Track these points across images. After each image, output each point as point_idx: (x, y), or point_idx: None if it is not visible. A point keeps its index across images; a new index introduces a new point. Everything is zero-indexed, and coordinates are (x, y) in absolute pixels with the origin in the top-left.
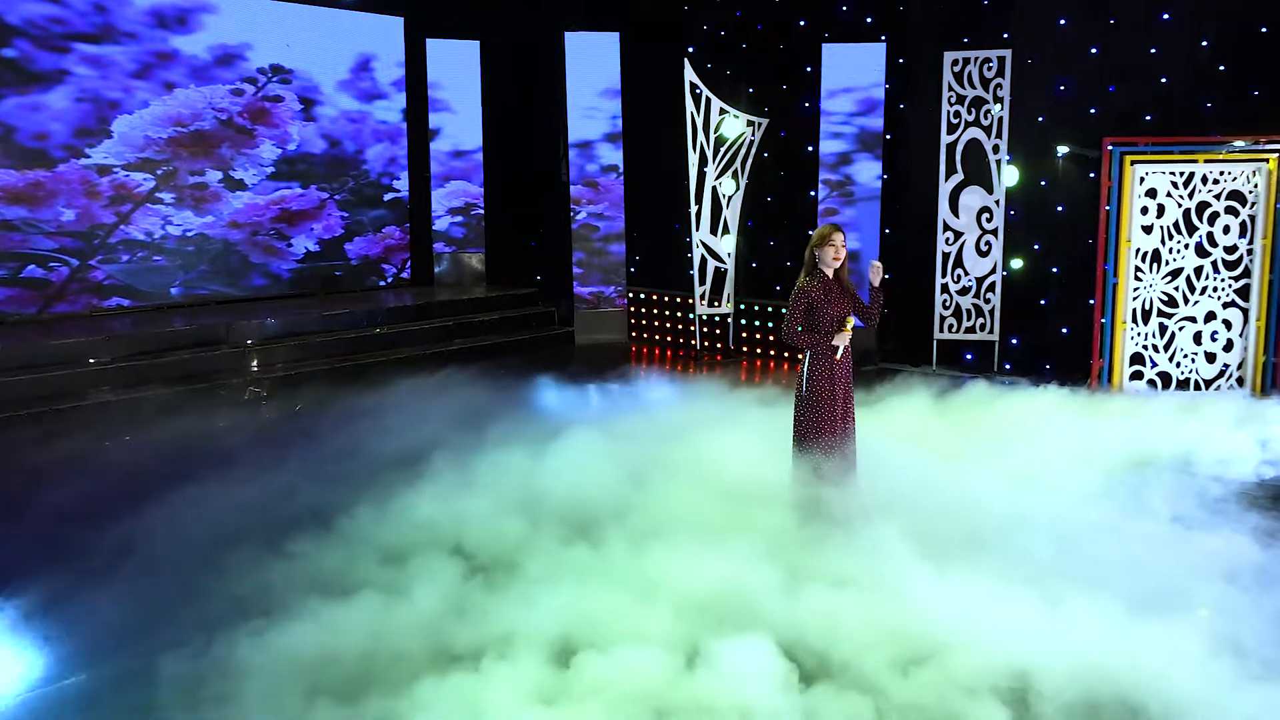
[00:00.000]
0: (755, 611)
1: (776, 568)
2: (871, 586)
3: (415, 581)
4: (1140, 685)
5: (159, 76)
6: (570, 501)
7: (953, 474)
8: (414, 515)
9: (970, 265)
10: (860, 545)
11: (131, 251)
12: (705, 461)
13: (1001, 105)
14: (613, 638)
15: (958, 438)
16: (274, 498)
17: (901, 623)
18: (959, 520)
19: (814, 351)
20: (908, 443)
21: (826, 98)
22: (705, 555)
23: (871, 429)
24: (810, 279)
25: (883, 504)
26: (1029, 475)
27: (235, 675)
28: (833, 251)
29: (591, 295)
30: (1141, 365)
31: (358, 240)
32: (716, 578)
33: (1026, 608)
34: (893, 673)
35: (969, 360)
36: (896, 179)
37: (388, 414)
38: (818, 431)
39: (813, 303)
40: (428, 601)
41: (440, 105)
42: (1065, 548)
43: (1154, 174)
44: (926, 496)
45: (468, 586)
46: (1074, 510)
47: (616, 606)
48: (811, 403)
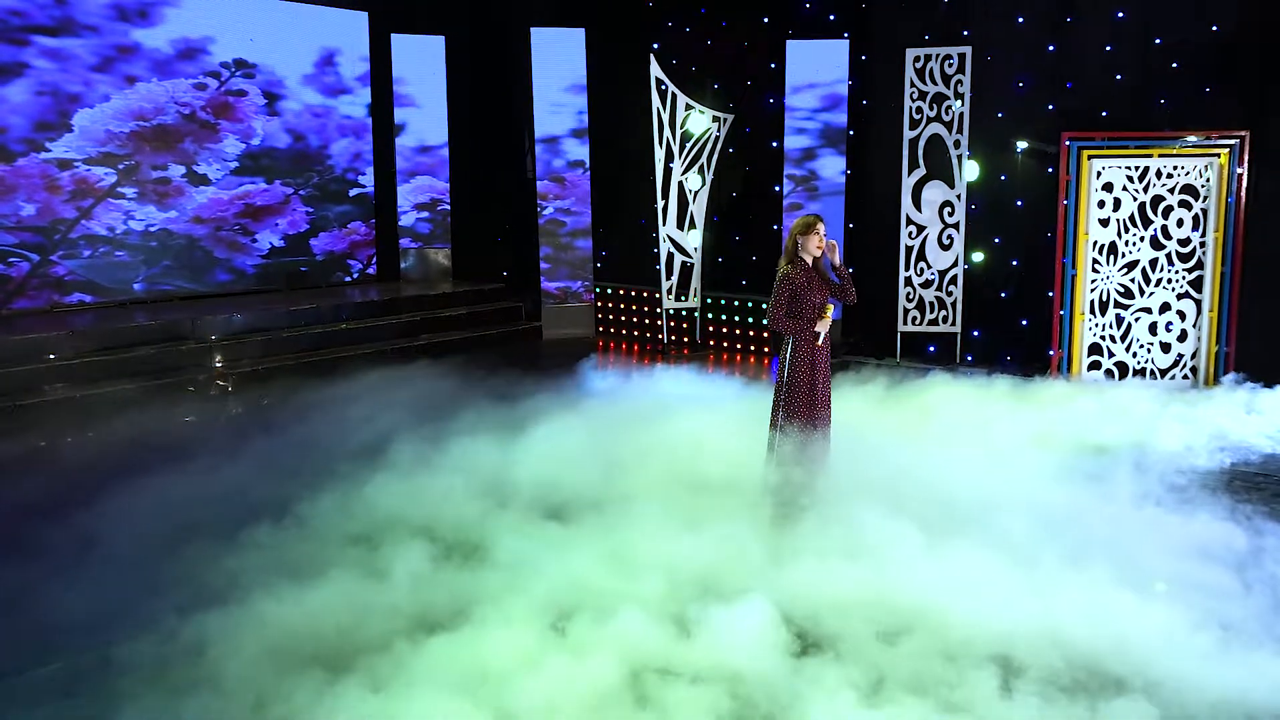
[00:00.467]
0: (742, 583)
1: (759, 544)
2: (853, 559)
3: (391, 562)
4: (1119, 654)
5: (120, 70)
6: (543, 485)
7: (922, 457)
8: (383, 501)
9: (932, 258)
10: (840, 521)
11: (93, 247)
12: (677, 448)
13: (962, 101)
14: (603, 605)
15: (922, 424)
16: (236, 489)
17: (886, 594)
18: (933, 499)
19: (796, 338)
20: (877, 429)
21: (791, 93)
22: (686, 533)
23: (841, 417)
24: (793, 267)
25: (859, 484)
26: (994, 458)
27: (207, 655)
28: (817, 240)
29: (559, 290)
30: (1099, 355)
31: (323, 236)
32: (700, 553)
33: (1004, 579)
34: (880, 642)
35: (931, 352)
36: (860, 174)
37: (351, 406)
38: (797, 415)
39: (796, 289)
40: (404, 578)
41: (405, 101)
42: (1035, 524)
43: (1110, 168)
44: (899, 477)
45: (443, 565)
46: (1041, 490)
47: (602, 579)
48: (792, 387)
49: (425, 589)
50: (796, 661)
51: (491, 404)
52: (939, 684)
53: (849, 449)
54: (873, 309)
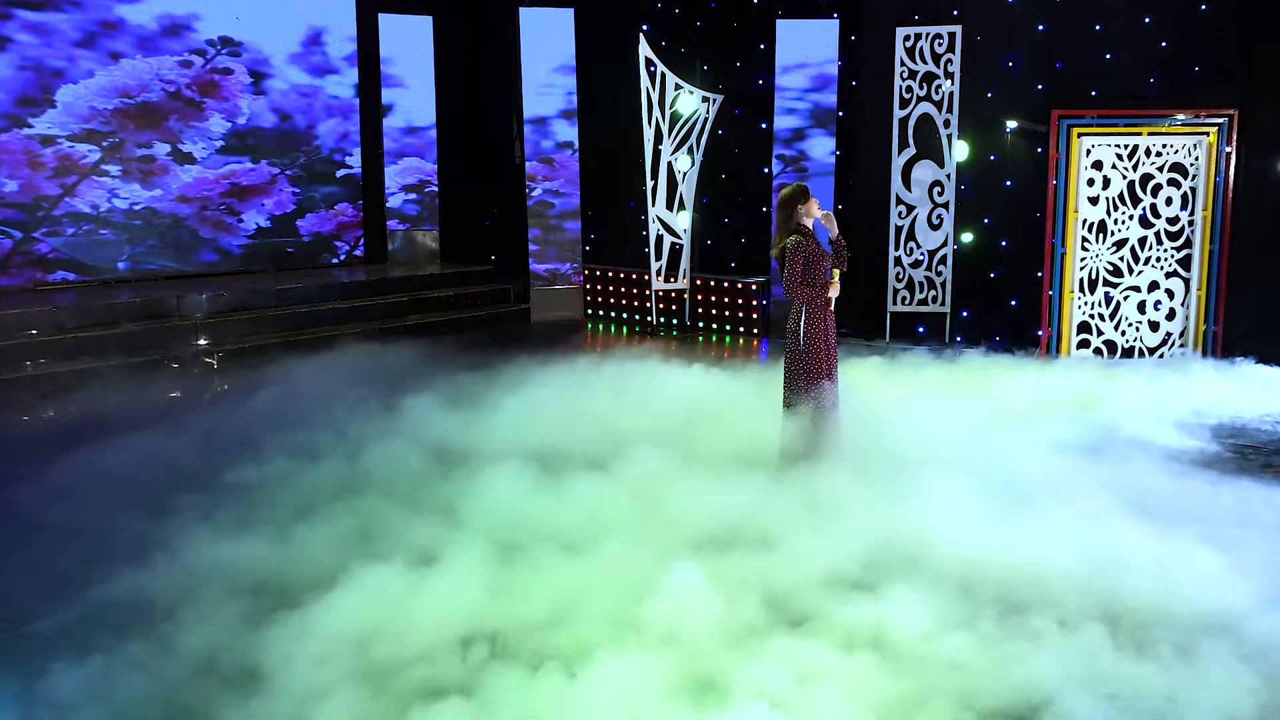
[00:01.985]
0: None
1: (784, 498)
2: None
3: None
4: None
5: (104, 45)
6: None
7: (928, 423)
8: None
9: (922, 238)
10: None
11: (77, 224)
12: (679, 420)
13: (952, 81)
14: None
15: (919, 397)
16: (192, 458)
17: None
18: (943, 456)
19: (810, 305)
20: (880, 402)
21: (780, 73)
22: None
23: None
24: (802, 236)
25: (872, 446)
26: (989, 424)
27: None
28: (816, 204)
29: (548, 272)
30: (1088, 334)
31: (310, 217)
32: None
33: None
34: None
35: (921, 332)
36: (850, 155)
37: (322, 383)
38: (814, 379)
39: (810, 256)
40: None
41: (393, 81)
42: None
43: (1100, 146)
44: (904, 439)
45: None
46: (1036, 452)
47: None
48: (809, 353)
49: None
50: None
51: (472, 380)
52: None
53: (855, 415)
54: (862, 289)
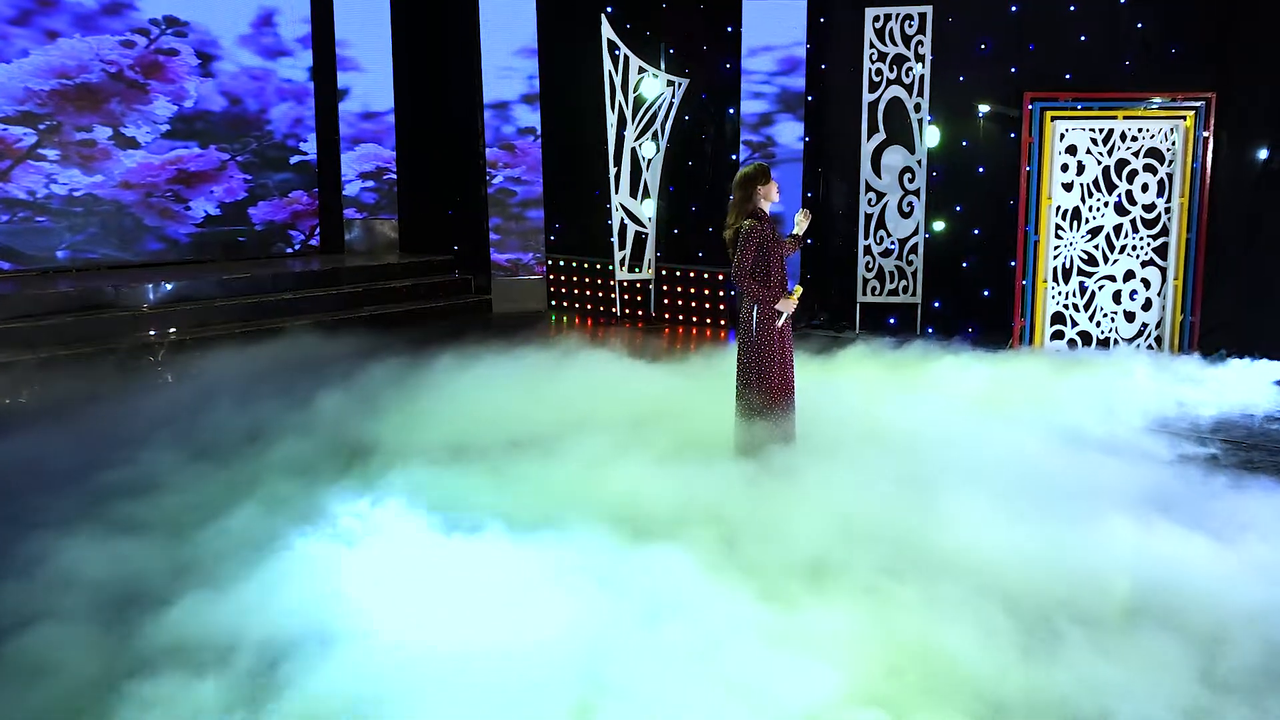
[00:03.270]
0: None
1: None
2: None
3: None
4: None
5: (39, 24)
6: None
7: (892, 416)
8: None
9: (893, 227)
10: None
11: (11, 211)
12: (631, 412)
13: (923, 63)
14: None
15: (886, 388)
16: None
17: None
18: (909, 450)
19: (761, 305)
20: (842, 393)
21: (747, 56)
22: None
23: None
24: (756, 220)
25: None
26: (955, 418)
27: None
28: (775, 188)
29: (509, 263)
30: (1062, 325)
31: (262, 205)
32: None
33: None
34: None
35: (892, 324)
36: (819, 140)
37: (252, 378)
38: (768, 392)
39: (765, 243)
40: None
41: (349, 64)
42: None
43: (1074, 130)
44: (875, 434)
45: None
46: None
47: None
48: (763, 363)
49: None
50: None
51: (401, 372)
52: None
53: (816, 407)
54: (831, 279)
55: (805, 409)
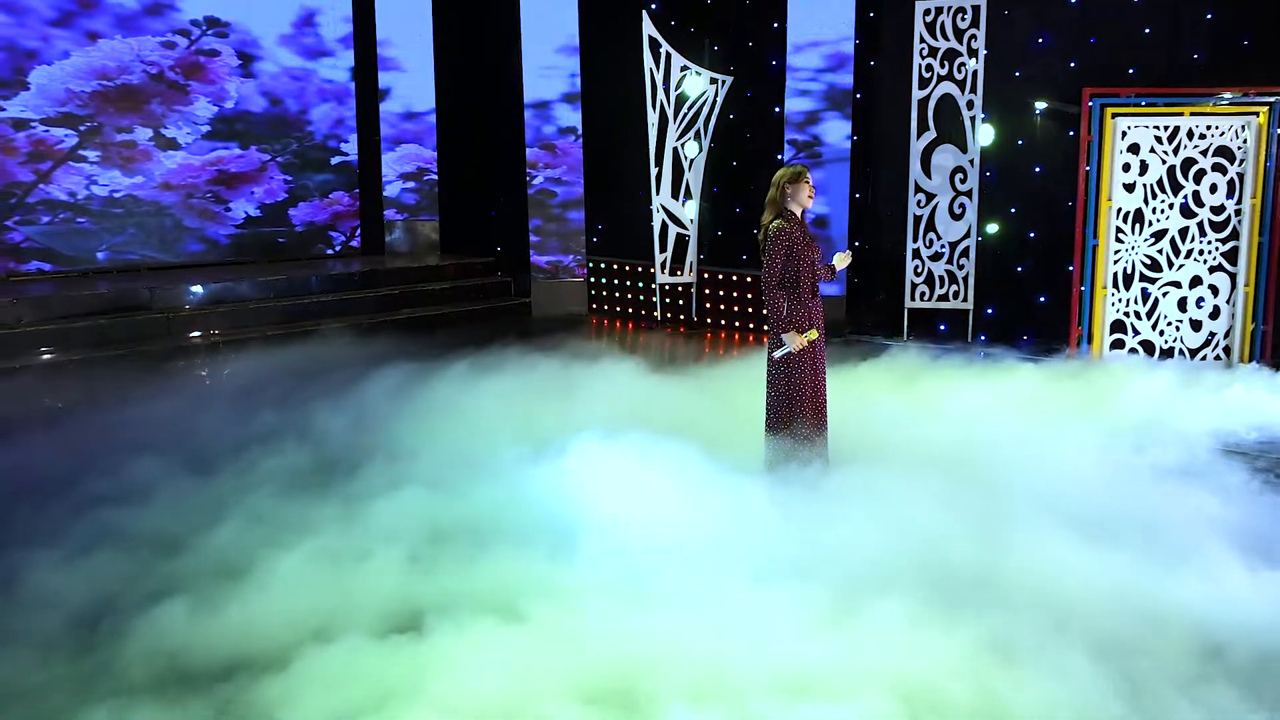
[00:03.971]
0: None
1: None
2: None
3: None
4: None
5: (81, 25)
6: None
7: (941, 433)
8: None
9: (943, 229)
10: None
11: (53, 212)
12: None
13: (976, 58)
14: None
15: (933, 401)
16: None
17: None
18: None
19: (791, 309)
20: (886, 406)
21: (793, 52)
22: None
23: (844, 397)
24: (788, 221)
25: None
26: (1018, 435)
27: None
28: (808, 189)
29: (549, 265)
30: (1123, 334)
31: (303, 206)
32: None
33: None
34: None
35: (943, 330)
36: (867, 139)
37: (266, 383)
38: (803, 420)
39: (794, 247)
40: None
41: (390, 64)
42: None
43: (1137, 128)
44: (922, 452)
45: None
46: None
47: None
48: (793, 385)
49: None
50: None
51: (420, 378)
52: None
53: (856, 420)
54: (880, 284)
55: (845, 423)
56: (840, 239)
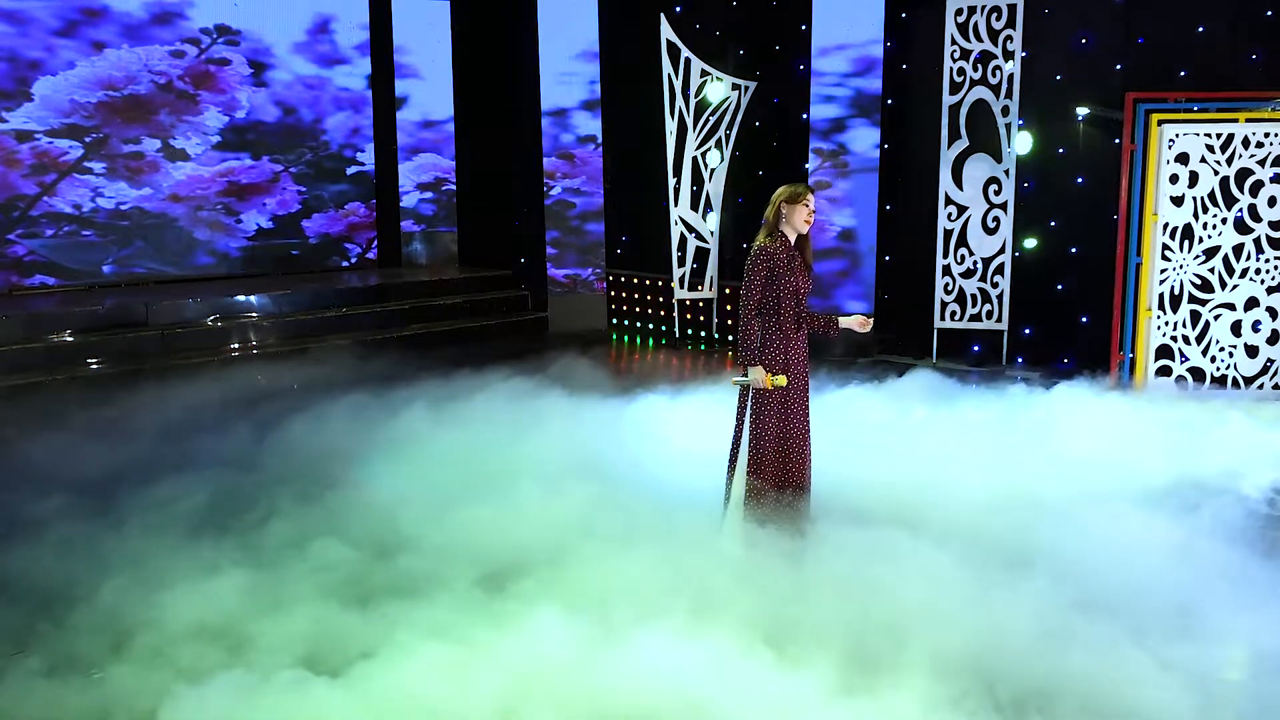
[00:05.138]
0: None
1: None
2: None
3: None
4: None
5: (86, 35)
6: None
7: (957, 481)
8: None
9: (975, 244)
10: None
11: (57, 225)
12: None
13: (1012, 61)
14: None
15: (955, 438)
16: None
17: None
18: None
19: (767, 340)
20: (900, 445)
21: (818, 56)
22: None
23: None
24: (773, 240)
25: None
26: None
27: None
28: (805, 212)
29: (567, 278)
30: (1170, 359)
31: (317, 217)
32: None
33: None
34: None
35: (976, 352)
36: (898, 148)
37: (223, 406)
38: (765, 472)
39: (775, 269)
40: None
41: (407, 71)
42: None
43: (1186, 135)
44: (930, 508)
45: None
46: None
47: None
48: (758, 427)
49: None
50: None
51: (390, 401)
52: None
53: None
54: (910, 302)
55: (844, 467)
56: (868, 253)
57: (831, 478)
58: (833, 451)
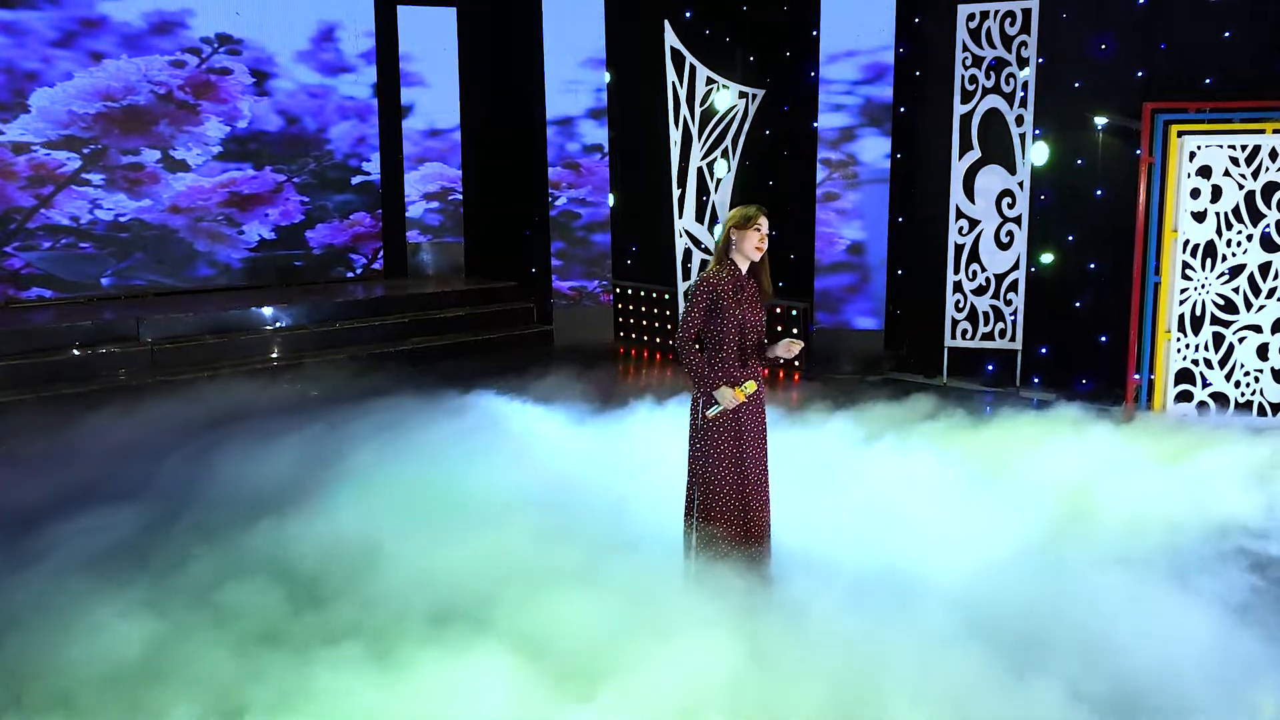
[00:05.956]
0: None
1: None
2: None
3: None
4: None
5: (84, 45)
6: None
7: (952, 532)
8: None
9: (987, 260)
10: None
11: (54, 238)
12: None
13: (1027, 67)
14: None
15: (952, 473)
16: None
17: None
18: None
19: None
20: (889, 481)
21: (826, 63)
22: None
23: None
24: (721, 268)
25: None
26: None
27: None
28: (756, 238)
29: (573, 290)
30: (1191, 384)
31: (321, 227)
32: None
33: None
34: None
35: (990, 371)
36: (911, 158)
37: (187, 426)
38: (718, 517)
39: (719, 301)
40: None
41: (413, 79)
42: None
43: (1208, 148)
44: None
45: None
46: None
47: None
48: (709, 470)
49: None
50: None
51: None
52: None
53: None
54: (924, 319)
55: (819, 512)
56: (878, 265)
57: (806, 523)
58: (815, 493)
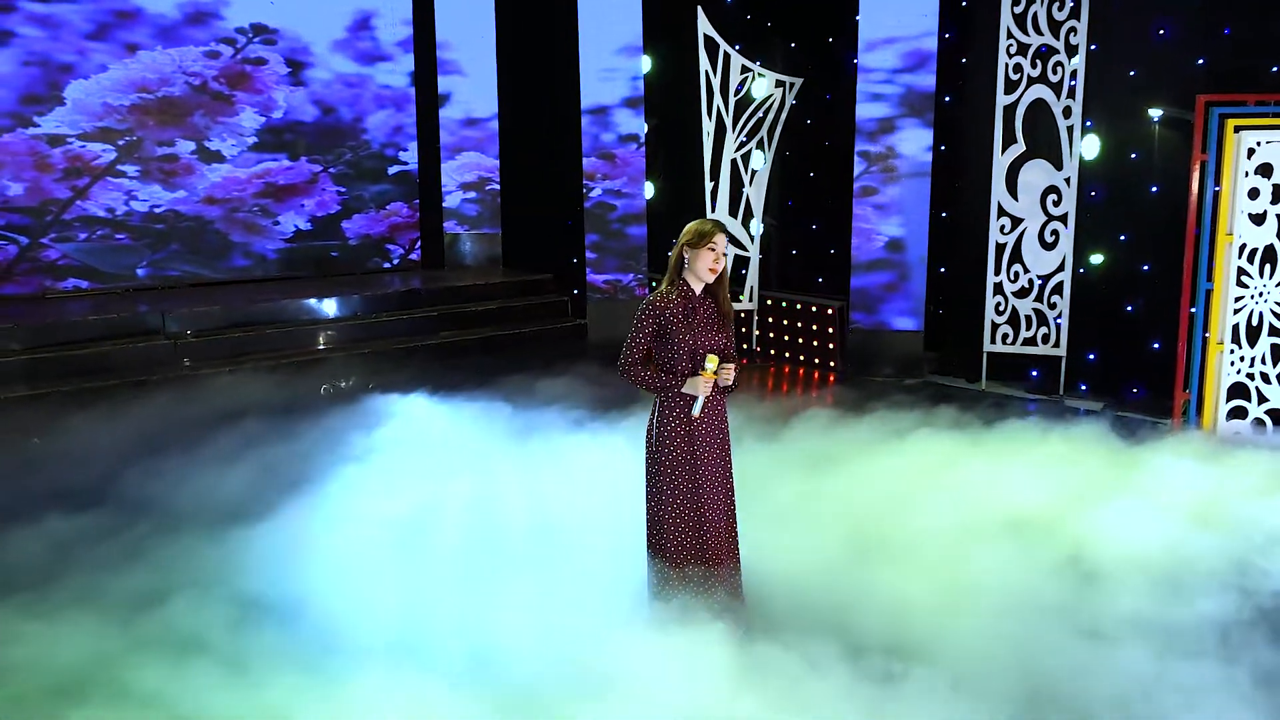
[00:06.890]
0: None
1: None
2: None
3: None
4: None
5: (118, 38)
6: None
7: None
8: None
9: (1031, 261)
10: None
11: (90, 229)
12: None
13: (1076, 55)
14: None
15: (979, 490)
16: None
17: None
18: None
19: (662, 403)
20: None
21: (865, 50)
22: None
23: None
24: (671, 288)
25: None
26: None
27: None
28: (709, 258)
29: (607, 284)
30: (1245, 400)
31: (357, 218)
32: None
33: None
34: None
35: (1034, 377)
36: (955, 151)
37: (180, 425)
38: (671, 547)
39: (666, 324)
40: None
41: (450, 68)
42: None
43: (1270, 144)
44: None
45: None
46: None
47: None
48: (661, 493)
49: None
50: None
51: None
52: None
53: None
54: (961, 318)
55: (820, 537)
56: (918, 264)
57: (796, 557)
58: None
